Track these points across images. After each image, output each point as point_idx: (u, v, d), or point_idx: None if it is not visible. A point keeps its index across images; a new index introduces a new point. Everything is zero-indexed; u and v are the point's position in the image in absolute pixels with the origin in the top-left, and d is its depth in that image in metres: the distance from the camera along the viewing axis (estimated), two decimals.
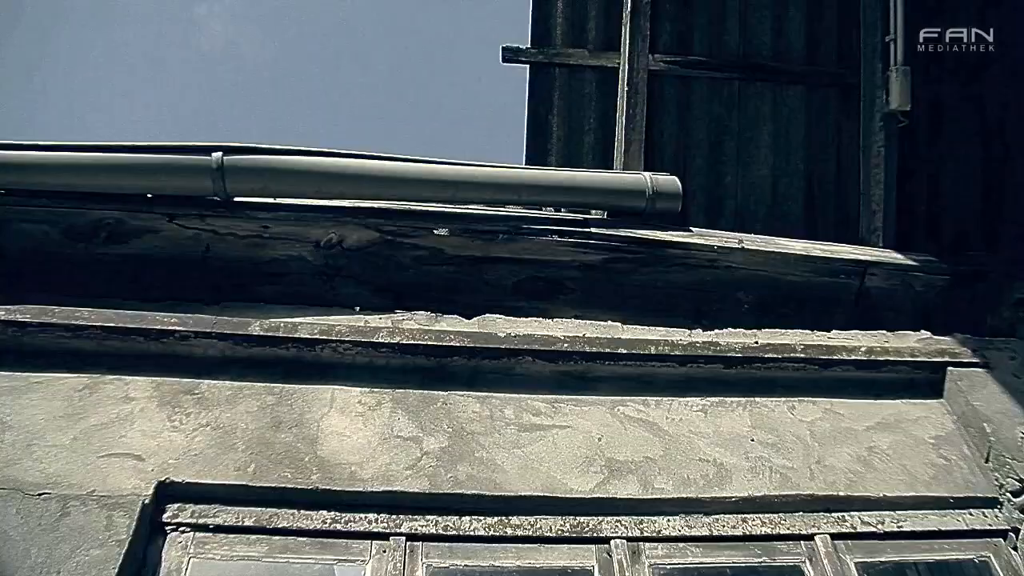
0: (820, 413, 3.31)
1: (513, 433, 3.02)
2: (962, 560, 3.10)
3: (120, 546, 2.45)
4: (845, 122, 4.91)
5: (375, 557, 2.69)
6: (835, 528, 2.98)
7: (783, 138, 4.86)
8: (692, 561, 2.85)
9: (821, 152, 4.92)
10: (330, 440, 2.89)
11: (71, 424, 2.78)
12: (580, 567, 2.76)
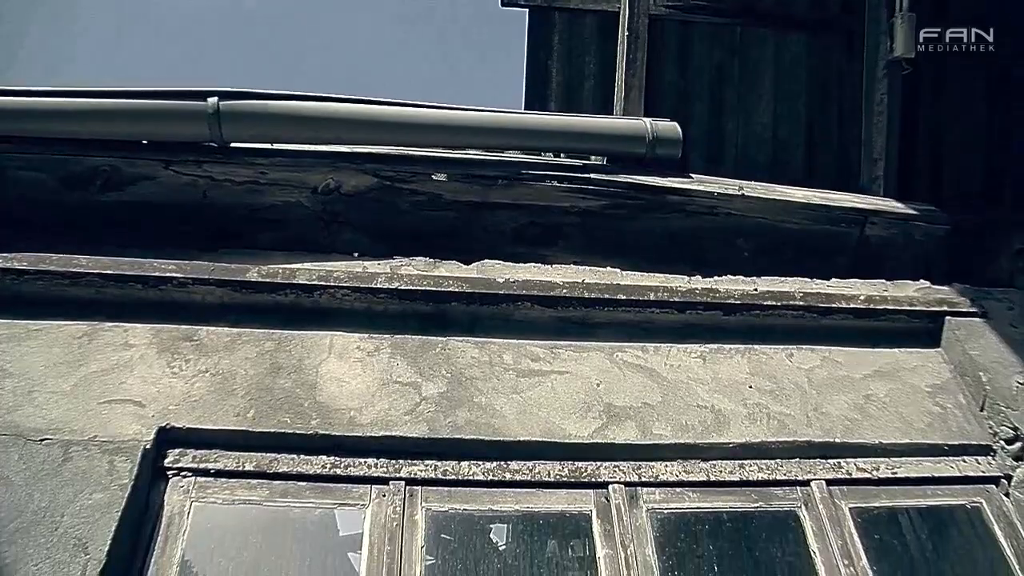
0: (818, 361, 3.32)
1: (512, 379, 3.02)
2: (954, 506, 3.14)
3: (123, 490, 2.47)
4: (848, 70, 4.84)
5: (375, 501, 2.71)
6: (831, 474, 3.01)
7: (785, 85, 4.80)
8: (689, 506, 2.88)
9: (823, 100, 4.86)
10: (329, 385, 2.89)
11: (71, 371, 2.78)
12: (578, 511, 2.79)
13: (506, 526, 3.18)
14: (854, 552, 2.83)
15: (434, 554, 3.14)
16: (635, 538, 2.72)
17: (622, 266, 3.46)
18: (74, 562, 2.30)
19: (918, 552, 3.75)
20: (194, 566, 2.79)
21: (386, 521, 2.65)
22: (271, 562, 2.80)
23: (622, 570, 2.65)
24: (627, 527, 2.74)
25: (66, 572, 2.27)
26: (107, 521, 2.39)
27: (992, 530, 3.03)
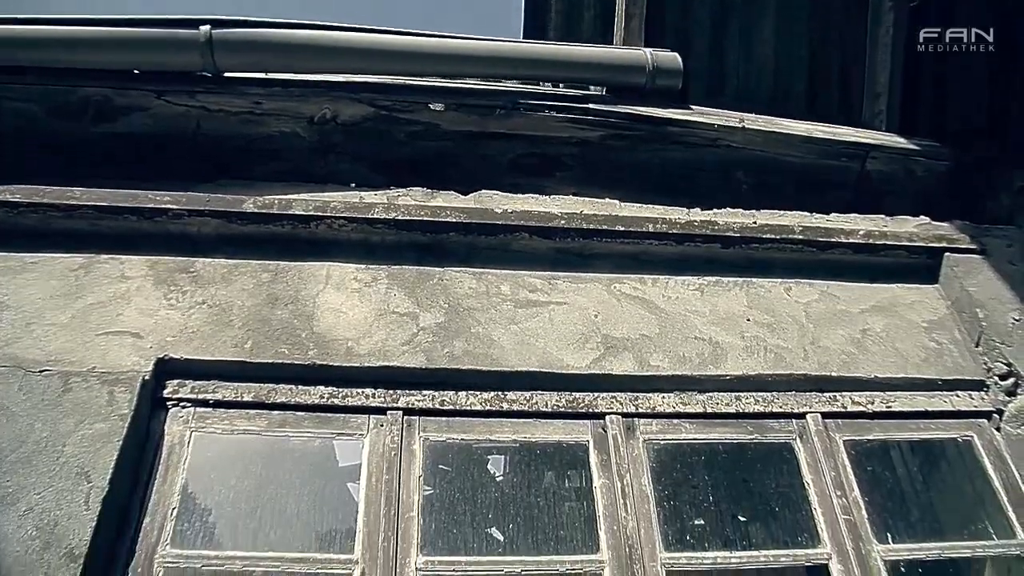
0: (816, 295, 3.32)
1: (509, 309, 3.02)
2: (946, 440, 3.18)
3: (123, 420, 2.48)
4: (853, 2, 4.73)
5: (373, 431, 2.72)
6: (826, 407, 3.04)
7: (788, 18, 4.69)
8: (686, 437, 2.91)
9: (827, 33, 4.75)
10: (326, 316, 2.89)
11: (68, 303, 2.78)
12: (575, 441, 2.82)
13: (503, 457, 3.22)
14: (847, 483, 2.86)
15: (432, 484, 3.18)
16: (632, 468, 2.75)
17: (621, 198, 3.43)
18: (77, 490, 2.32)
19: (909, 484, 3.80)
20: (195, 494, 2.83)
21: (384, 451, 2.67)
22: (271, 491, 2.84)
23: (618, 500, 2.68)
24: (624, 457, 2.76)
25: (69, 500, 2.30)
26: (108, 451, 2.41)
27: (982, 463, 3.05)
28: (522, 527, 2.81)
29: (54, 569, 2.18)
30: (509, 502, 2.79)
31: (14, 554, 2.19)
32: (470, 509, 2.76)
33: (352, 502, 2.66)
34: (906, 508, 3.58)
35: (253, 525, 2.88)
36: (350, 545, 2.51)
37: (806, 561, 2.82)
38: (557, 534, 2.89)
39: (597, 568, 2.57)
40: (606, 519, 2.65)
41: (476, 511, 2.78)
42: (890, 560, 2.74)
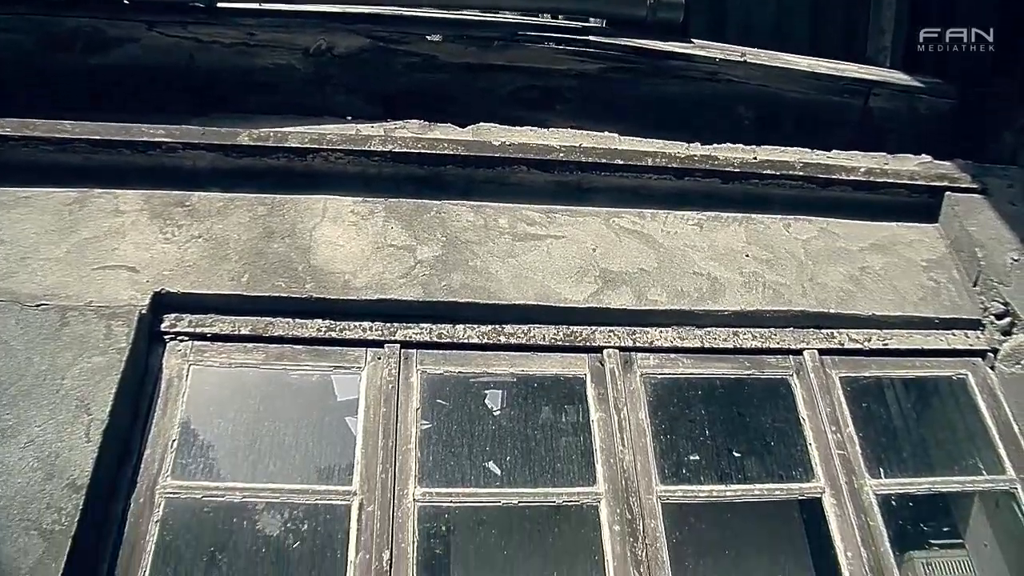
0: (815, 232, 3.31)
1: (507, 242, 3.00)
2: (941, 377, 3.21)
3: (120, 354, 2.48)
4: None
5: (370, 364, 2.73)
6: (823, 344, 3.04)
7: None
8: (683, 371, 2.92)
9: None
10: (323, 249, 2.87)
11: (63, 238, 2.75)
12: (573, 375, 2.83)
13: (501, 391, 3.24)
14: (842, 419, 2.88)
15: (430, 418, 3.20)
16: (629, 402, 2.76)
17: (620, 131, 3.39)
18: (77, 422, 2.33)
19: (903, 421, 3.85)
20: (194, 427, 2.85)
21: (382, 384, 2.68)
22: (269, 424, 2.87)
23: (615, 433, 2.69)
24: (621, 391, 2.77)
25: (70, 432, 2.31)
26: (107, 384, 2.41)
27: (975, 401, 3.08)
28: (519, 460, 2.85)
29: (57, 499, 2.20)
30: (506, 435, 2.81)
31: (16, 485, 2.21)
32: (467, 442, 2.79)
33: (350, 435, 2.68)
34: (899, 444, 3.62)
35: (252, 457, 2.91)
36: (348, 477, 2.53)
37: (800, 495, 2.86)
38: (554, 467, 2.93)
39: (593, 500, 2.59)
40: (603, 452, 2.67)
41: (474, 443, 2.81)
42: (882, 494, 2.77)
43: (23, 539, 2.14)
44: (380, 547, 2.39)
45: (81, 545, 2.18)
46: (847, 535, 2.66)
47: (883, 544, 2.66)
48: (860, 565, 2.61)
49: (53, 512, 2.18)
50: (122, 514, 2.36)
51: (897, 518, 2.94)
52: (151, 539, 2.35)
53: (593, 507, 2.59)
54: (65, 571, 2.11)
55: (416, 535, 2.44)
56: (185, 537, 3.22)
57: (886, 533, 2.68)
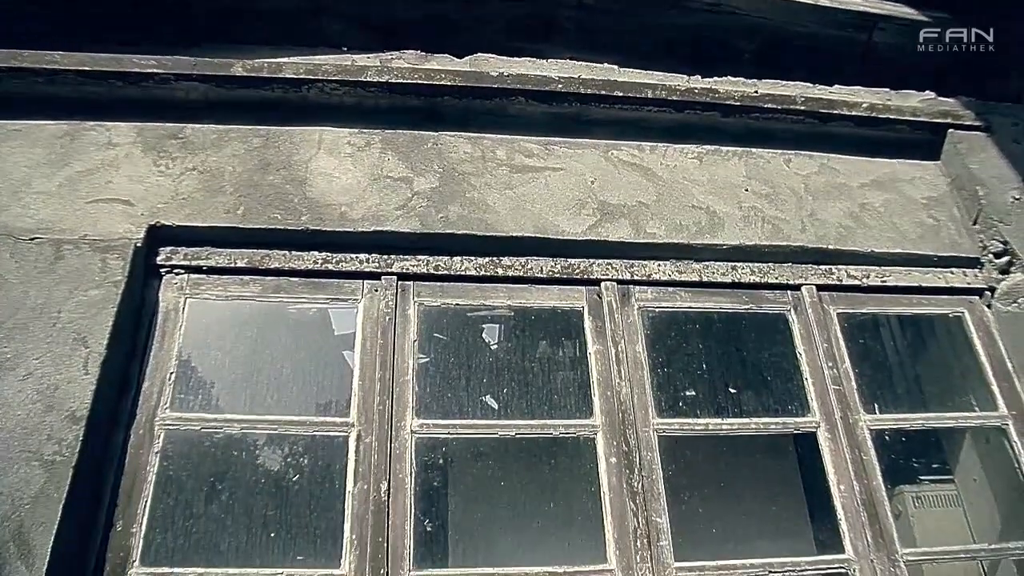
0: (816, 167, 3.28)
1: (505, 174, 2.97)
2: (937, 315, 3.21)
3: (117, 287, 2.47)
4: None
5: (367, 296, 2.72)
6: (822, 280, 3.04)
7: None
8: (681, 305, 2.91)
9: None
10: (319, 181, 2.84)
11: (55, 171, 2.72)
12: (570, 308, 2.82)
13: (498, 326, 3.23)
14: (838, 355, 2.89)
15: (427, 351, 3.21)
16: (626, 335, 2.76)
17: (619, 63, 3.33)
18: (75, 355, 2.33)
19: (899, 357, 3.87)
20: (192, 360, 2.86)
21: (379, 316, 2.67)
22: (267, 356, 2.87)
23: (612, 365, 2.70)
24: (618, 324, 2.77)
25: (68, 365, 2.31)
26: (104, 317, 2.41)
27: (971, 339, 3.09)
28: (516, 392, 2.86)
29: (57, 431, 2.21)
30: (503, 369, 2.82)
31: (16, 417, 2.22)
32: (465, 375, 2.79)
33: (348, 369, 2.68)
34: (894, 380, 3.65)
35: (250, 389, 2.92)
36: (346, 409, 2.54)
37: (795, 429, 2.88)
38: (551, 399, 2.94)
39: (590, 432, 2.61)
40: (600, 385, 2.68)
41: (471, 377, 2.81)
42: (875, 429, 2.79)
43: (25, 470, 2.15)
44: (378, 478, 2.41)
45: (83, 475, 2.20)
46: (840, 469, 2.69)
47: (875, 478, 2.69)
48: (852, 498, 2.64)
49: (54, 443, 2.20)
50: (122, 445, 2.38)
51: (890, 453, 2.98)
52: (152, 470, 2.37)
53: (590, 439, 2.61)
54: (67, 501, 2.13)
55: (414, 466, 2.46)
56: (185, 468, 3.25)
57: (878, 467, 2.71)
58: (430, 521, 3.33)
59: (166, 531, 2.99)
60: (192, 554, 3.25)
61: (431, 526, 3.32)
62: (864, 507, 2.62)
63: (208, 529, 3.32)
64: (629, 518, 2.47)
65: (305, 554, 3.29)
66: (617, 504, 2.49)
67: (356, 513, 2.37)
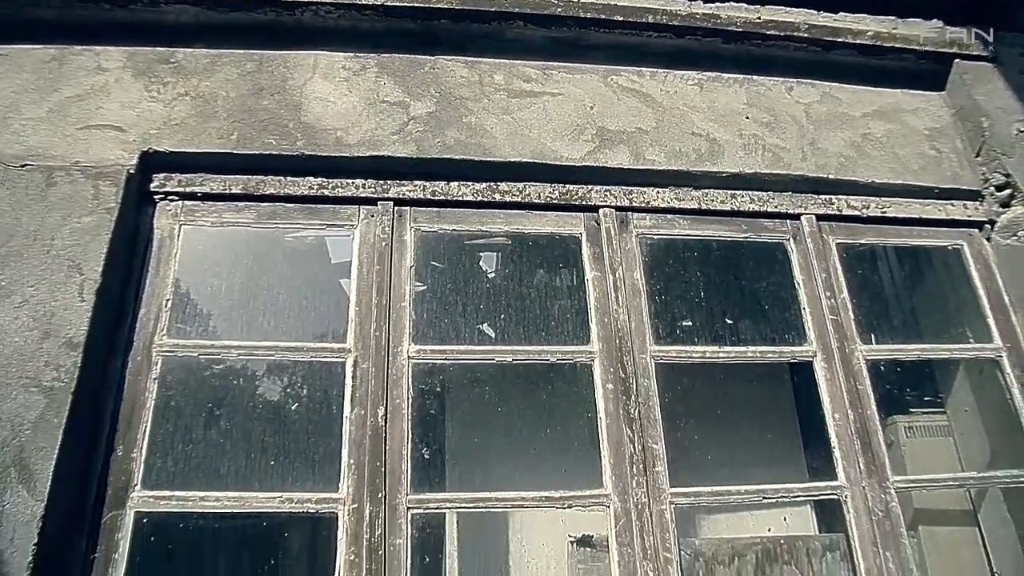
0: (818, 96, 3.23)
1: (503, 99, 2.93)
2: (937, 247, 3.20)
3: (110, 214, 2.45)
4: None
5: (363, 222, 2.70)
6: (821, 210, 3.02)
7: None
8: (679, 233, 2.90)
9: None
10: (314, 106, 2.80)
11: (44, 97, 2.68)
12: (568, 234, 2.80)
13: (495, 254, 3.22)
14: (836, 285, 2.89)
15: (424, 280, 3.20)
16: (624, 262, 2.75)
17: None
18: (70, 282, 2.33)
19: (896, 289, 3.87)
20: (188, 287, 2.84)
21: (375, 241, 2.66)
22: (263, 283, 2.85)
23: (610, 293, 2.69)
24: (616, 251, 2.76)
25: (63, 292, 2.31)
26: (98, 244, 2.40)
27: (969, 271, 3.09)
28: (513, 320, 2.85)
29: (55, 357, 2.22)
30: (501, 296, 2.81)
31: (14, 344, 2.22)
32: (462, 302, 2.78)
33: (344, 297, 2.67)
34: (891, 311, 3.65)
35: (247, 316, 2.92)
36: (343, 335, 2.53)
37: (792, 358, 2.90)
38: (548, 326, 2.94)
39: (588, 359, 2.61)
40: (597, 311, 2.67)
41: (468, 304, 2.80)
42: (871, 359, 2.80)
43: (24, 396, 2.17)
44: (375, 403, 2.43)
45: (82, 401, 2.22)
46: (836, 398, 2.71)
47: (870, 407, 2.71)
48: (846, 426, 2.66)
49: (52, 369, 2.20)
50: (121, 372, 2.39)
51: (884, 383, 2.99)
52: (150, 396, 2.38)
53: (587, 366, 2.62)
54: (67, 426, 2.14)
55: (411, 392, 2.47)
56: (184, 394, 3.27)
57: (873, 397, 2.73)
58: (427, 446, 3.37)
59: (166, 456, 3.02)
60: (192, 478, 3.30)
61: (428, 451, 3.36)
62: (858, 435, 2.65)
63: (208, 454, 3.36)
64: (626, 444, 2.49)
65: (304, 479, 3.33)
66: (614, 430, 2.51)
67: (354, 438, 2.39)
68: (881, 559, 2.50)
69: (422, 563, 3.16)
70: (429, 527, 3.30)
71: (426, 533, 3.27)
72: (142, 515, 2.24)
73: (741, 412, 3.81)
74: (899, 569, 2.49)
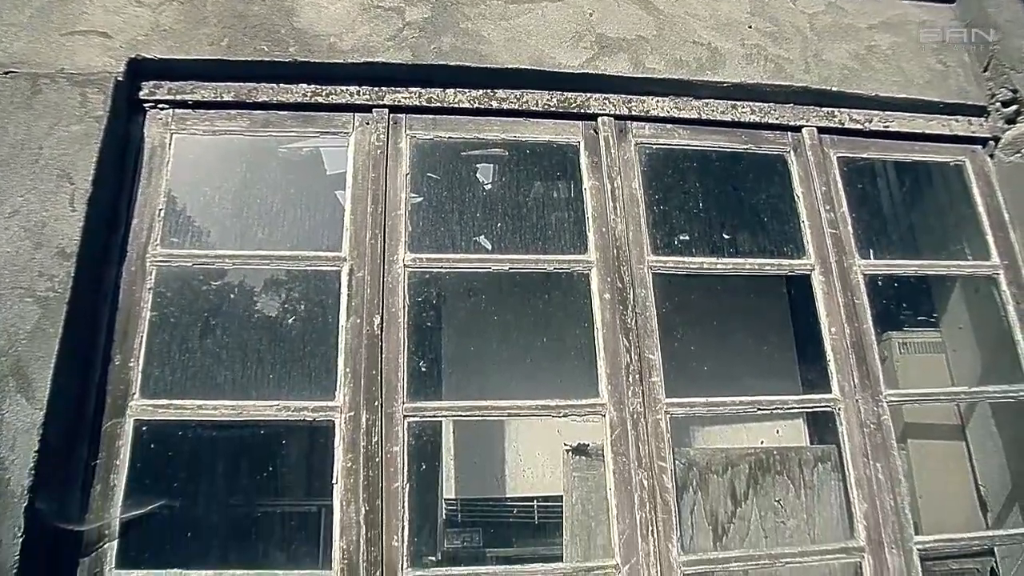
0: (823, 6, 3.14)
1: (500, 5, 2.85)
2: (939, 163, 3.17)
3: (99, 122, 2.40)
4: None
5: (358, 129, 2.65)
6: (824, 122, 2.97)
7: None
8: (679, 142, 2.85)
9: None
10: (307, 11, 2.72)
11: (26, 1, 2.58)
12: (566, 142, 2.75)
13: (492, 165, 3.17)
14: (836, 199, 2.86)
15: (420, 191, 3.16)
16: (622, 171, 2.71)
17: None
18: (60, 192, 2.29)
19: (897, 204, 3.85)
20: (181, 196, 2.81)
21: (370, 149, 2.61)
22: (257, 191, 2.81)
23: (608, 202, 2.66)
24: (615, 160, 2.72)
25: (54, 202, 2.27)
26: (87, 153, 2.35)
27: (970, 188, 3.05)
28: (510, 230, 2.82)
29: (48, 267, 2.20)
30: (497, 205, 2.77)
31: (5, 254, 2.20)
32: (458, 211, 2.75)
33: (340, 208, 2.64)
34: (890, 226, 3.64)
35: (240, 226, 2.89)
36: (338, 244, 2.51)
37: (790, 271, 2.87)
38: (545, 235, 2.92)
39: (585, 268, 2.60)
40: (595, 221, 2.65)
41: (464, 214, 2.77)
42: (869, 274, 2.79)
43: (18, 306, 2.15)
44: (371, 312, 2.42)
45: (77, 311, 2.20)
46: (832, 311, 2.70)
47: (866, 321, 2.71)
48: (842, 340, 2.67)
49: (46, 280, 2.19)
50: (115, 282, 2.37)
51: (881, 298, 2.99)
52: (146, 306, 2.37)
53: (584, 275, 2.60)
54: (63, 336, 2.14)
55: (407, 300, 2.46)
56: (179, 304, 3.27)
57: (870, 311, 2.72)
58: (423, 355, 3.38)
59: (164, 366, 3.03)
60: (190, 387, 3.32)
61: (424, 360, 3.37)
62: (853, 350, 2.65)
63: (204, 364, 3.38)
64: (622, 354, 2.49)
65: (300, 388, 3.35)
66: (610, 340, 2.51)
67: (350, 347, 2.38)
68: (871, 470, 2.53)
69: (419, 470, 3.21)
70: (426, 435, 3.34)
71: (423, 441, 3.31)
72: (141, 423, 2.25)
73: (737, 325, 3.82)
74: (888, 480, 2.52)
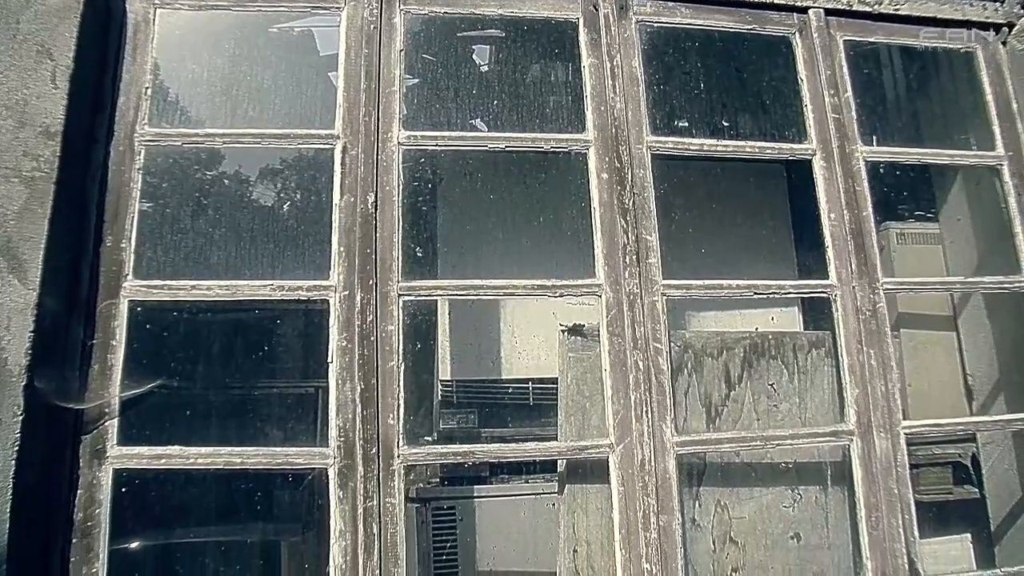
0: None
1: None
2: (949, 49, 3.07)
3: None
4: None
5: (350, 4, 2.55)
6: (830, 3, 2.87)
7: None
8: (681, 21, 2.75)
9: None
10: None
11: None
12: (564, 19, 2.65)
13: (489, 47, 3.08)
14: (841, 83, 2.79)
15: (416, 73, 3.08)
16: (622, 50, 2.63)
17: None
18: (41, 68, 2.20)
19: (903, 91, 3.77)
20: (167, 74, 2.72)
21: (362, 24, 2.52)
22: (246, 69, 2.72)
23: (607, 80, 2.59)
24: (615, 37, 2.63)
25: (35, 79, 2.19)
26: (67, 27, 2.25)
27: (979, 76, 2.98)
28: (507, 108, 2.75)
29: (32, 147, 2.14)
30: (494, 85, 2.69)
31: None
32: (455, 90, 2.67)
33: (333, 90, 2.56)
34: (895, 113, 3.57)
35: (230, 103, 2.82)
36: (331, 122, 2.45)
37: (791, 155, 2.82)
38: (543, 113, 2.85)
39: (582, 147, 2.54)
40: (593, 100, 2.58)
41: (461, 92, 2.69)
42: (871, 161, 2.74)
43: (4, 187, 2.10)
44: (365, 190, 2.37)
45: (65, 191, 2.15)
46: (832, 198, 2.67)
47: (866, 209, 2.68)
48: (841, 227, 2.64)
49: (31, 160, 2.13)
50: (103, 162, 2.31)
51: (882, 186, 2.95)
52: (136, 186, 2.32)
53: (582, 154, 2.54)
54: (52, 216, 2.09)
55: (401, 179, 2.41)
56: (170, 184, 3.22)
57: (870, 199, 2.68)
58: (419, 235, 3.36)
59: (156, 246, 3.00)
60: (183, 268, 3.31)
61: (420, 240, 3.35)
62: (852, 236, 2.63)
63: (197, 244, 3.35)
64: (619, 234, 2.47)
65: (294, 267, 3.35)
66: (607, 220, 2.48)
67: (344, 226, 2.34)
68: (864, 356, 2.54)
69: (414, 349, 3.22)
70: (421, 314, 3.34)
71: (418, 320, 3.31)
72: (135, 304, 2.23)
73: (736, 208, 3.78)
74: (880, 366, 2.54)
